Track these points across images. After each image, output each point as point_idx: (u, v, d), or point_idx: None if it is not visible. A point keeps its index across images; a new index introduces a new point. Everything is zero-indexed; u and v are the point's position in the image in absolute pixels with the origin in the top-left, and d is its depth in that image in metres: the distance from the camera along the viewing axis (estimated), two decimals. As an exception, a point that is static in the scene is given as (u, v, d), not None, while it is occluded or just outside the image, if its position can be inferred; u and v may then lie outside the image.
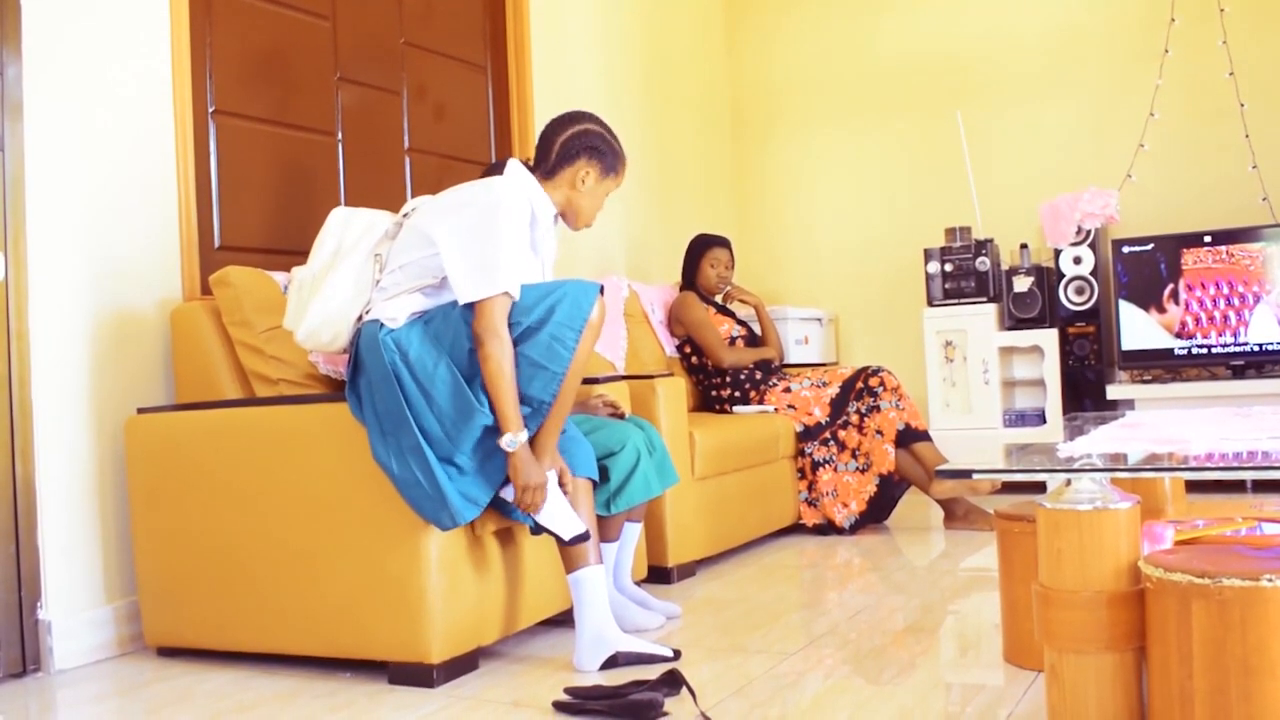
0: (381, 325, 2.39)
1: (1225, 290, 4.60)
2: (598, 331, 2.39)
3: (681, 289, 4.49)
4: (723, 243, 4.47)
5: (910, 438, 4.03)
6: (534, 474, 2.34)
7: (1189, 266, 4.63)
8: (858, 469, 4.04)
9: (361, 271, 2.49)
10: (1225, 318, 4.59)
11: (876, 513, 4.04)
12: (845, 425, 4.09)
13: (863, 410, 4.08)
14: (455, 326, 2.34)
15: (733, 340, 4.34)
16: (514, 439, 2.30)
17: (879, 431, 4.03)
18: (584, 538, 2.39)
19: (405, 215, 2.57)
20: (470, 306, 2.33)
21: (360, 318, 2.47)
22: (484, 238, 2.37)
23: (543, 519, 2.37)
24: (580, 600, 2.41)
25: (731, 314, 4.47)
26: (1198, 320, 4.63)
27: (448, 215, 2.44)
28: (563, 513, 2.38)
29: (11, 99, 2.65)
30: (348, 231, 2.55)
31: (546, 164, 2.59)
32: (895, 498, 4.10)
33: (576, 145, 2.58)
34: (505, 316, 2.33)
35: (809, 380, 4.22)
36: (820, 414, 4.10)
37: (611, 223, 4.92)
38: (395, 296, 2.44)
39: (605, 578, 2.48)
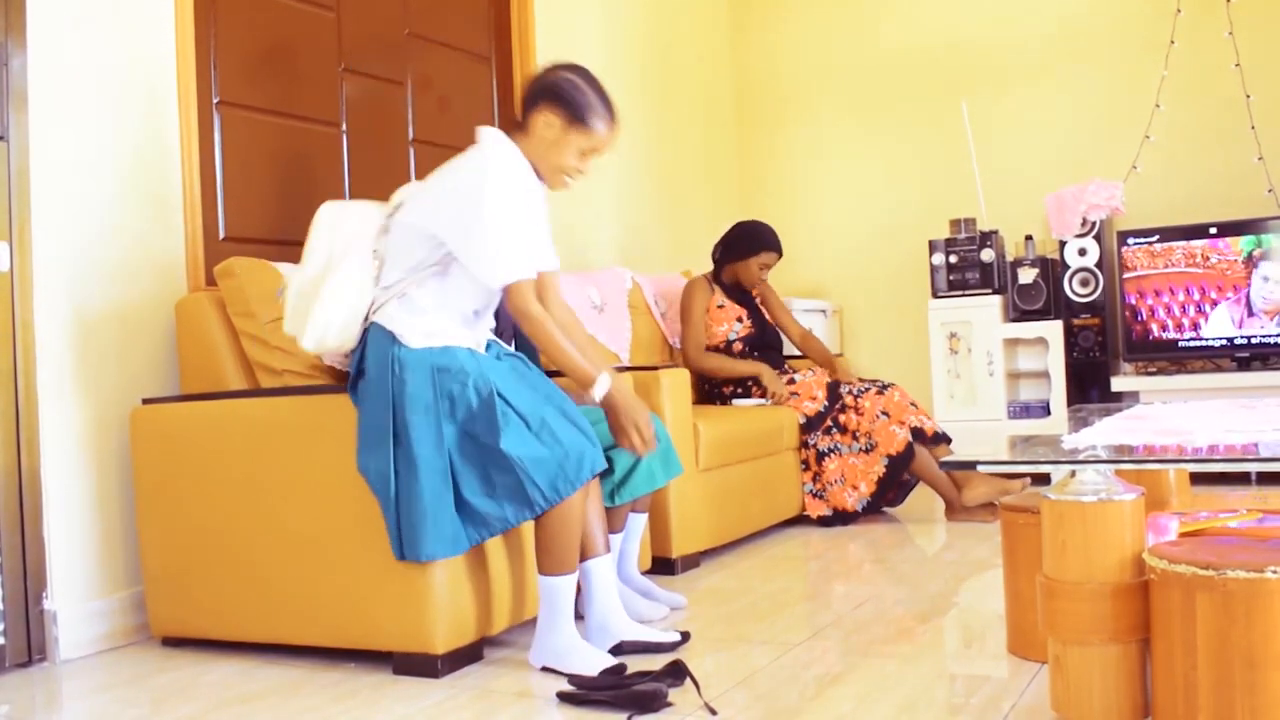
0: (393, 339, 2.37)
1: (1231, 284, 4.59)
2: (580, 497, 2.30)
3: (716, 265, 4.37)
4: (780, 251, 4.37)
5: (931, 440, 3.99)
6: (639, 409, 2.42)
7: (1197, 259, 4.63)
8: (861, 449, 4.02)
9: (363, 271, 2.45)
10: (1230, 311, 4.59)
11: (886, 494, 4.03)
12: (843, 409, 4.08)
13: (856, 391, 4.07)
14: (464, 393, 2.30)
15: (730, 343, 4.27)
16: (601, 386, 2.39)
17: (884, 413, 4.00)
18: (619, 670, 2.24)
19: (396, 209, 2.53)
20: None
21: (367, 316, 2.46)
22: (487, 223, 2.35)
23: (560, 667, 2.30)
24: (587, 590, 2.42)
25: (754, 308, 4.37)
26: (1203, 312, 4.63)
27: (443, 206, 2.41)
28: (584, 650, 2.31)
29: (16, 89, 2.65)
30: (340, 229, 2.51)
31: (518, 118, 2.52)
32: (909, 484, 4.11)
33: (537, 90, 2.50)
34: (530, 294, 2.40)
35: (812, 373, 4.21)
36: (822, 395, 4.08)
37: (614, 213, 4.92)
38: (405, 294, 2.43)
39: (611, 568, 2.48)
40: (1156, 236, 4.70)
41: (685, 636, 2.45)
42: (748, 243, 4.34)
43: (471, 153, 2.49)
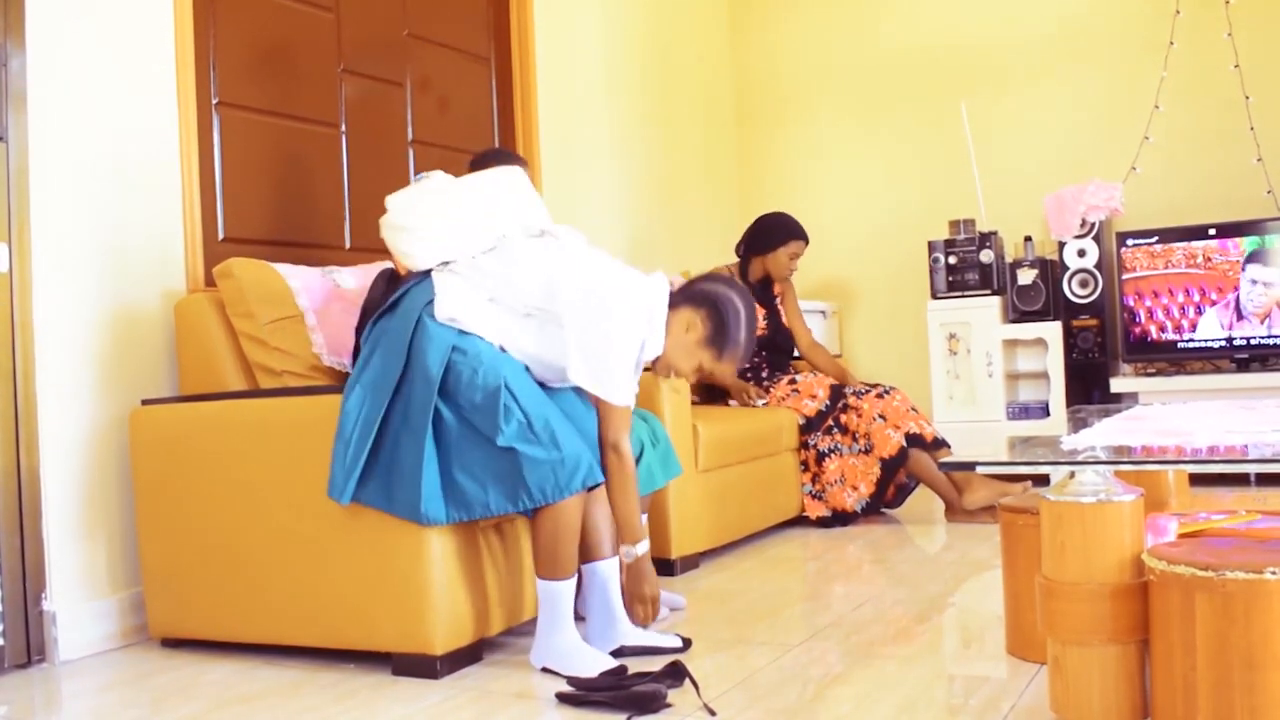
0: (429, 303, 2.39)
1: (1232, 284, 4.59)
2: (575, 503, 2.29)
3: (742, 261, 4.36)
4: (807, 239, 4.38)
5: (931, 446, 3.98)
6: (654, 585, 2.48)
7: (1196, 260, 4.63)
8: (860, 450, 4.02)
9: (484, 233, 2.48)
10: (1229, 311, 4.59)
11: (884, 495, 4.03)
12: (845, 409, 4.08)
13: (859, 391, 4.07)
14: (473, 379, 2.30)
15: None
16: (641, 548, 2.44)
17: (881, 416, 4.00)
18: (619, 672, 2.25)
19: (544, 234, 2.54)
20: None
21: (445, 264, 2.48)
22: (603, 339, 2.37)
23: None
24: (591, 592, 2.42)
25: (773, 309, 4.35)
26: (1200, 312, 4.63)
27: (574, 296, 2.40)
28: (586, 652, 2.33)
29: (15, 90, 2.65)
30: (517, 199, 2.55)
31: (677, 296, 2.54)
32: (908, 486, 4.11)
33: (704, 296, 2.53)
34: (626, 429, 2.41)
35: (814, 374, 4.21)
36: (823, 395, 4.08)
37: (614, 213, 4.92)
38: (477, 288, 2.43)
39: (615, 572, 2.48)
40: (1155, 238, 4.70)
41: (687, 643, 2.44)
42: (775, 234, 4.34)
43: (644, 281, 2.51)
